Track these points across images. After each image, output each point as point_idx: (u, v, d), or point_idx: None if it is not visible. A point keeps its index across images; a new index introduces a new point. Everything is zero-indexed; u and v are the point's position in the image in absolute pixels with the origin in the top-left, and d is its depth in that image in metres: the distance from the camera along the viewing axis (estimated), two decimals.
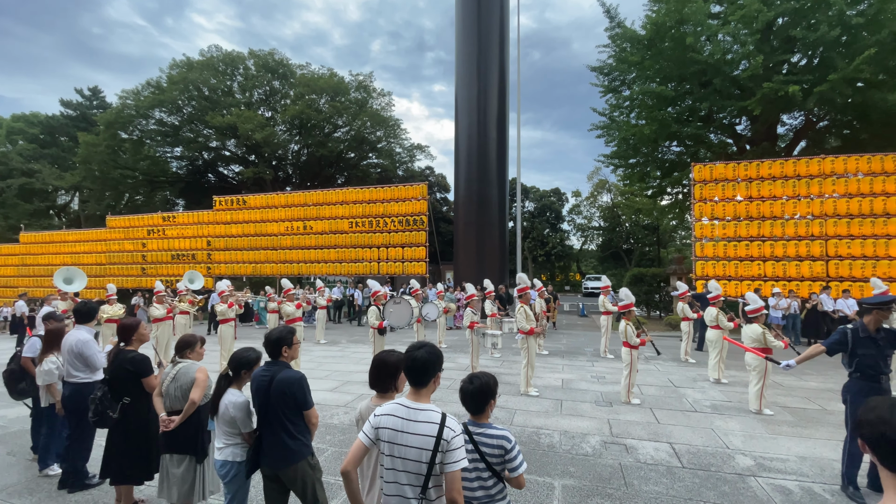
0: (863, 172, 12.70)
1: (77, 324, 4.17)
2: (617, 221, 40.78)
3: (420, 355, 1.99)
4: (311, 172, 31.37)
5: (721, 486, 3.87)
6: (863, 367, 3.86)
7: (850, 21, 12.71)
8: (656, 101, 16.57)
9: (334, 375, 8.23)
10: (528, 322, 6.93)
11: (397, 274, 17.10)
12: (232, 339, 9.11)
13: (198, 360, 3.37)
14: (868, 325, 3.91)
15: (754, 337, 5.97)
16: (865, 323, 3.93)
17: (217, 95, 27.56)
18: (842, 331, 4.01)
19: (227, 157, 30.44)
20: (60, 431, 4.27)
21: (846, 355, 3.98)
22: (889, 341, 3.88)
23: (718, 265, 13.67)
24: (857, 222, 12.58)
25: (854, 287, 12.25)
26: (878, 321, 3.90)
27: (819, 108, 15.48)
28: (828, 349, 4.08)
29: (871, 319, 3.91)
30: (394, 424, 1.91)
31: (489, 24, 19.06)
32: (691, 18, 14.48)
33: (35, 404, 4.54)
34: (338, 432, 5.29)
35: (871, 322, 3.90)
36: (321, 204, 18.32)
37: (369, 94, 29.95)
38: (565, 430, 5.27)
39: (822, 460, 4.40)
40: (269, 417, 2.73)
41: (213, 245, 19.50)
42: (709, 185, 13.97)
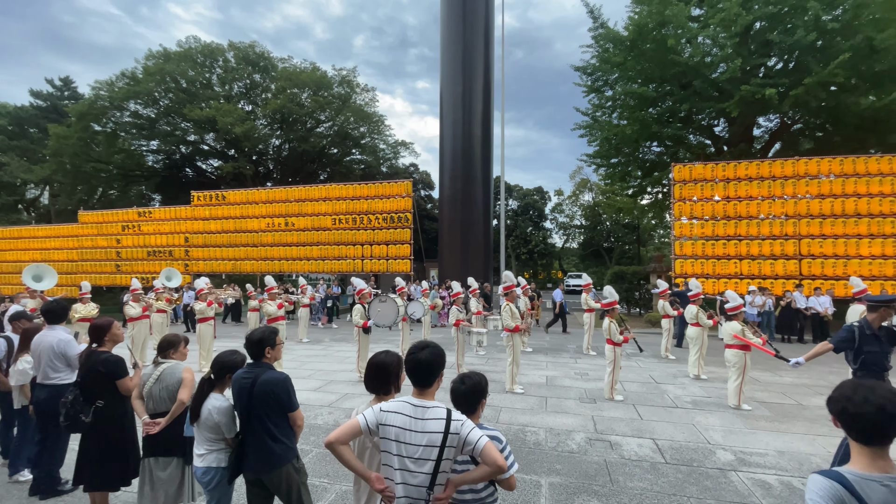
0: (835, 174, 13.13)
1: (48, 324, 4.00)
2: (598, 220, 41.37)
3: (424, 357, 1.98)
4: (292, 168, 30.87)
5: (703, 480, 3.95)
6: (868, 365, 3.88)
7: (825, 26, 13.09)
8: (638, 102, 16.81)
9: (318, 375, 8.11)
10: (514, 320, 6.95)
11: (381, 272, 16.97)
12: (211, 339, 8.89)
13: (182, 360, 3.26)
14: (873, 322, 3.94)
15: (734, 333, 6.11)
16: (870, 321, 3.96)
17: (195, 88, 26.84)
18: (849, 328, 4.02)
19: (205, 152, 29.69)
20: (32, 435, 4.09)
21: (851, 353, 4.00)
22: (889, 339, 3.94)
23: (697, 263, 13.98)
24: (829, 222, 13.01)
25: (826, 285, 12.68)
26: (882, 318, 3.95)
27: (794, 111, 15.92)
28: (835, 347, 4.07)
29: (877, 317, 3.95)
30: (402, 423, 1.88)
31: (474, 22, 19.04)
32: (672, 21, 14.71)
33: (5, 407, 4.34)
34: (322, 433, 5.20)
35: (875, 319, 3.94)
36: (303, 200, 18.03)
37: (353, 89, 29.59)
38: (551, 428, 5.30)
39: (800, 454, 4.53)
40: (252, 421, 2.65)
41: (191, 241, 19.02)
42: (688, 185, 14.26)
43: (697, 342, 7.98)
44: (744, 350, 6.07)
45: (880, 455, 1.45)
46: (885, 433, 1.44)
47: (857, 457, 1.49)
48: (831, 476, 1.46)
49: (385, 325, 8.28)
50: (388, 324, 8.27)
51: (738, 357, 6.05)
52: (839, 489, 1.41)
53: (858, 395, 1.48)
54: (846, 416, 1.50)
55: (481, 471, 1.84)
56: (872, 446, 1.46)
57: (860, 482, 1.41)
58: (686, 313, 8.45)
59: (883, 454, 1.45)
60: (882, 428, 1.43)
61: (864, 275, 12.53)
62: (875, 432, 1.45)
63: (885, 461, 1.45)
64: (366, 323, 7.73)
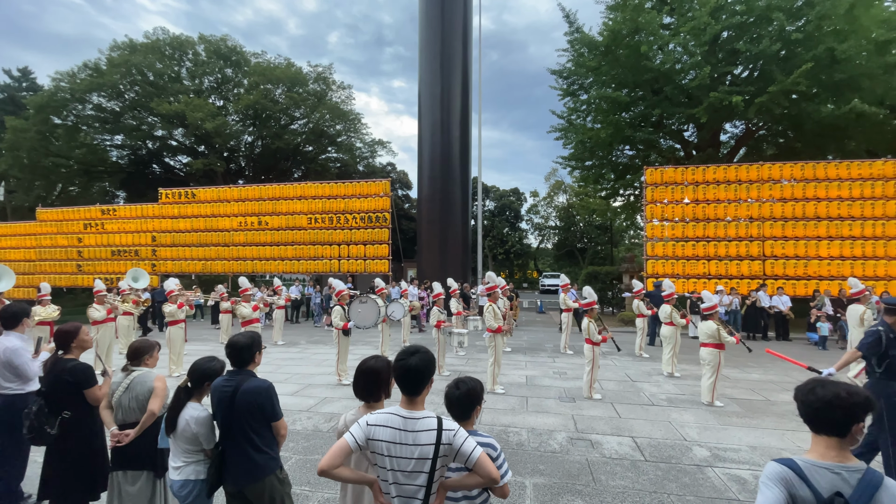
0: (796, 179, 13.79)
1: (4, 329, 3.74)
2: (572, 221, 42.11)
3: (413, 363, 1.89)
4: (265, 165, 30.13)
5: (682, 477, 4.05)
6: (892, 368, 3.86)
7: (789, 36, 13.71)
8: (611, 106, 17.19)
9: (295, 378, 7.93)
10: (496, 320, 6.99)
11: (359, 272, 16.77)
12: (182, 342, 8.58)
13: (154, 366, 3.11)
14: (893, 325, 3.95)
15: (710, 333, 6.31)
16: (890, 324, 3.95)
17: (163, 81, 25.83)
18: (874, 333, 3.99)
19: (173, 148, 28.63)
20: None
21: (876, 357, 3.97)
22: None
23: (668, 264, 14.41)
24: (790, 225, 13.65)
25: (787, 284, 13.29)
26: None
27: (758, 118, 16.60)
28: (865, 352, 4.02)
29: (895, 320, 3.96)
30: (391, 436, 1.81)
31: (453, 22, 19.05)
32: (645, 28, 15.11)
33: None
34: (301, 438, 5.08)
35: (894, 323, 3.96)
36: (278, 199, 17.64)
37: (328, 86, 29.13)
38: (532, 428, 5.35)
39: (771, 449, 4.71)
40: (234, 431, 2.54)
41: (159, 240, 18.32)
42: (659, 188, 14.68)
43: (671, 341, 8.21)
44: (718, 349, 6.27)
45: (835, 446, 1.56)
46: (834, 425, 1.55)
47: (813, 447, 1.62)
48: (784, 462, 1.58)
49: (365, 327, 8.16)
50: (369, 325, 8.16)
51: (712, 355, 6.26)
52: (789, 473, 1.54)
53: (808, 387, 1.63)
54: (802, 409, 1.64)
55: (474, 479, 1.81)
56: (826, 437, 1.58)
57: (810, 468, 1.54)
58: (660, 313, 8.68)
59: (838, 445, 1.56)
60: (830, 420, 1.55)
61: (823, 275, 13.22)
62: (825, 423, 1.57)
63: (839, 452, 1.55)
64: (346, 325, 7.60)
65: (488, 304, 7.16)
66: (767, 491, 1.53)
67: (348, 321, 7.71)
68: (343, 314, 7.69)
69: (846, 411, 1.53)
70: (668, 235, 14.57)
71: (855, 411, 1.53)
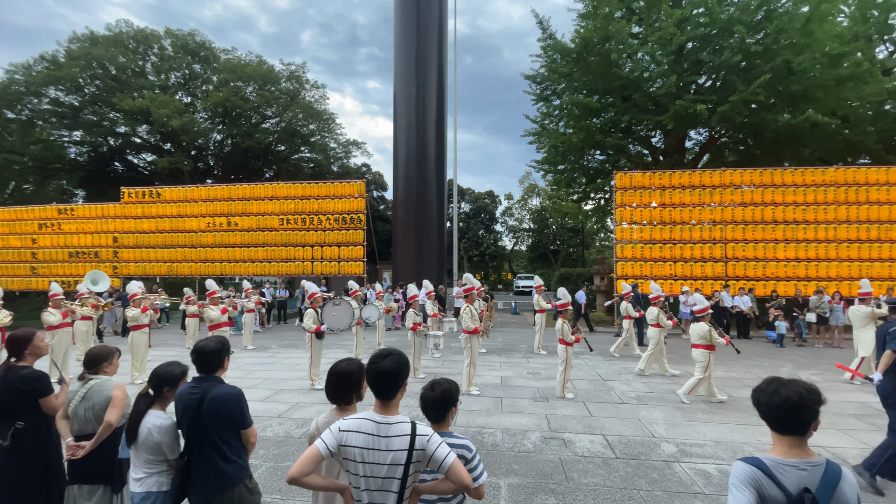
0: (755, 184, 14.45)
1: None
2: (545, 224, 42.83)
3: (385, 366, 1.86)
4: (235, 164, 29.36)
5: (651, 473, 4.18)
6: None
7: (749, 49, 14.38)
8: (583, 112, 17.60)
9: (265, 384, 7.74)
10: (473, 322, 7.02)
11: (332, 274, 16.53)
12: (146, 348, 8.24)
13: (113, 374, 2.97)
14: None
15: (701, 334, 6.49)
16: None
17: (126, 76, 24.82)
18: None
19: (137, 145, 27.52)
20: None
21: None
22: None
23: (636, 265, 14.83)
24: (750, 228, 14.29)
25: (748, 285, 13.88)
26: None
27: (721, 126, 17.34)
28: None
29: None
30: (363, 442, 1.78)
31: (428, 25, 19.08)
32: (615, 36, 15.54)
33: None
34: (272, 445, 4.96)
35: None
36: (248, 199, 17.21)
37: (302, 85, 28.66)
38: (507, 428, 5.39)
39: (734, 443, 4.91)
40: (201, 440, 2.45)
41: (121, 242, 17.55)
42: (628, 192, 15.10)
43: (654, 341, 8.35)
44: (709, 349, 6.46)
45: (797, 444, 1.60)
46: (795, 423, 1.58)
47: (777, 445, 1.65)
48: (751, 462, 1.60)
49: (339, 330, 8.04)
50: (343, 328, 8.04)
51: (703, 356, 6.45)
52: (757, 473, 1.56)
53: (771, 388, 1.64)
54: (762, 408, 1.67)
55: (447, 486, 1.81)
56: (788, 435, 1.61)
57: (777, 467, 1.57)
58: (648, 315, 8.83)
59: (800, 443, 1.60)
60: (797, 420, 1.58)
61: (780, 276, 13.89)
62: (786, 422, 1.60)
63: (802, 449, 1.60)
64: (319, 328, 7.48)
65: (465, 306, 7.19)
66: (739, 493, 1.55)
67: (321, 324, 7.58)
68: (316, 317, 7.56)
69: (810, 410, 1.57)
70: (637, 238, 15.00)
71: (817, 410, 1.58)
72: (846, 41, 15.04)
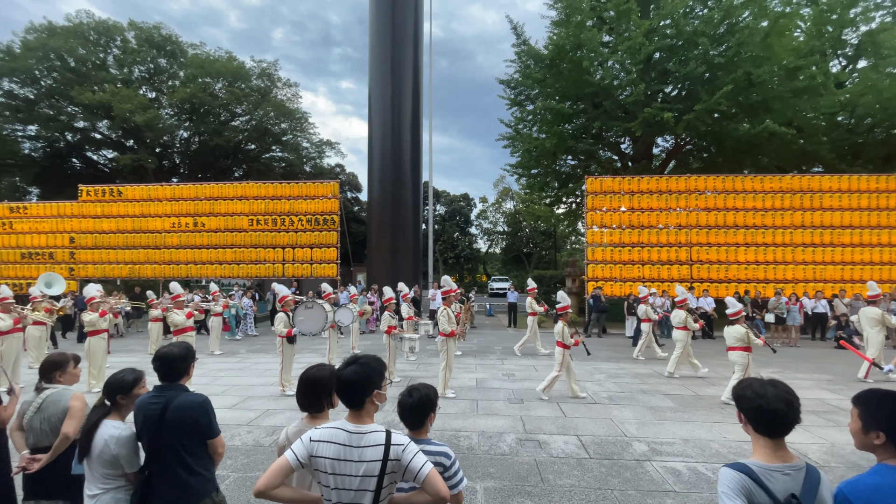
0: (718, 190, 15.05)
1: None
2: (519, 227, 43.38)
3: (347, 374, 1.77)
4: (202, 163, 28.39)
5: (623, 472, 4.25)
6: None
7: (712, 60, 14.98)
8: (555, 117, 17.92)
9: (233, 390, 7.48)
10: (450, 324, 7.00)
11: (305, 276, 16.19)
12: (104, 354, 7.83)
13: (71, 383, 2.79)
14: None
15: (738, 336, 6.61)
16: None
17: (87, 68, 23.63)
18: None
19: (97, 141, 26.22)
20: None
21: None
22: None
23: (607, 268, 15.19)
24: (713, 232, 14.86)
25: (711, 287, 14.43)
26: None
27: (686, 134, 17.99)
28: None
29: None
30: (335, 453, 1.71)
31: (404, 25, 19.00)
32: (586, 44, 15.90)
33: None
34: (240, 455, 4.78)
35: None
36: (216, 198, 16.67)
37: (273, 82, 28.04)
38: (483, 431, 5.39)
39: (702, 441, 5.07)
40: (163, 452, 2.30)
41: (78, 242, 16.67)
42: (599, 197, 15.45)
43: (682, 344, 8.46)
44: (746, 351, 6.59)
45: (780, 446, 1.60)
46: (789, 426, 1.58)
47: (761, 450, 1.62)
48: (739, 469, 1.56)
49: (311, 334, 7.86)
50: (315, 332, 7.85)
51: (742, 357, 6.57)
52: (747, 481, 1.53)
53: (769, 392, 1.60)
54: (760, 413, 1.60)
55: (423, 497, 1.74)
56: (774, 438, 1.60)
57: (764, 472, 1.55)
58: (673, 318, 8.88)
59: (782, 445, 1.61)
60: (788, 421, 1.57)
61: (742, 278, 14.50)
62: (781, 425, 1.58)
63: (784, 451, 1.60)
64: (290, 332, 7.28)
65: (443, 308, 7.16)
66: (731, 503, 1.52)
67: (292, 328, 7.39)
68: (287, 321, 7.37)
69: (797, 413, 1.57)
70: (608, 241, 15.36)
71: (799, 411, 1.58)
72: (802, 55, 15.90)
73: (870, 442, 1.51)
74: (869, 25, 18.00)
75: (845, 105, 17.03)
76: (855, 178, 14.68)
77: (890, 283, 13.62)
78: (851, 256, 14.28)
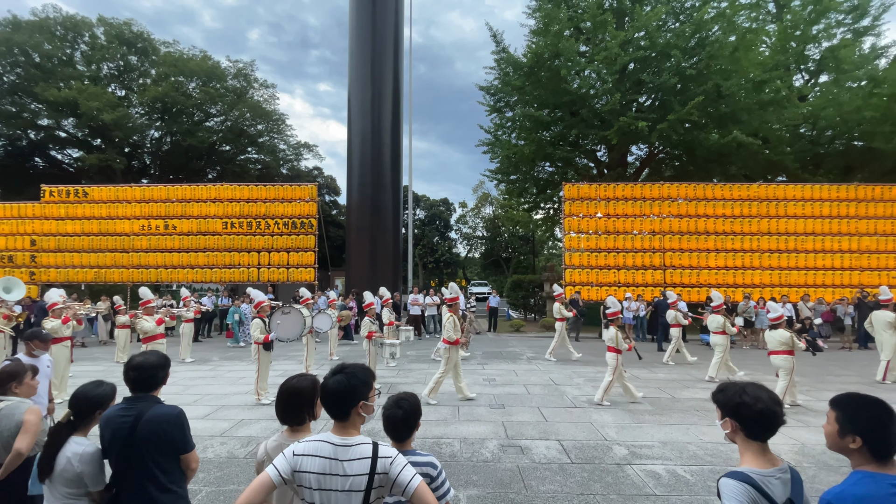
0: (689, 197, 15.51)
1: None
2: (498, 232, 43.65)
3: (333, 384, 1.70)
4: (174, 164, 27.55)
5: (605, 477, 4.28)
6: None
7: (684, 72, 15.50)
8: (534, 124, 18.19)
9: (206, 400, 7.22)
10: (455, 332, 6.98)
11: (281, 281, 15.85)
12: (67, 363, 7.45)
13: (28, 395, 2.62)
14: None
15: (782, 340, 6.70)
16: None
17: (52, 64, 22.65)
18: None
19: (61, 139, 25.12)
20: None
21: None
22: None
23: (584, 273, 15.42)
24: (686, 238, 15.30)
25: (684, 292, 14.80)
26: None
27: (659, 143, 18.52)
28: None
29: None
30: (320, 467, 1.63)
31: (384, 29, 18.97)
32: (564, 53, 16.22)
33: None
34: (214, 467, 4.60)
35: None
36: (188, 200, 16.18)
37: (250, 83, 27.50)
38: (465, 438, 5.35)
39: (679, 443, 5.16)
40: (133, 469, 2.18)
41: (40, 245, 15.89)
42: (576, 203, 15.70)
43: (721, 348, 8.50)
44: (790, 355, 6.68)
45: (768, 450, 1.61)
46: (775, 427, 1.59)
47: (752, 455, 1.61)
48: (740, 478, 1.54)
49: (289, 340, 7.66)
50: (293, 338, 7.65)
51: (787, 361, 6.66)
52: (752, 491, 1.50)
53: (763, 395, 1.60)
54: (744, 409, 1.59)
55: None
56: (761, 441, 1.60)
57: (764, 480, 1.53)
58: (710, 323, 8.84)
59: (769, 449, 1.61)
60: (776, 421, 1.58)
61: (712, 283, 14.93)
62: (770, 426, 1.58)
63: (771, 455, 1.61)
64: (267, 338, 7.09)
65: (449, 315, 7.09)
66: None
67: (269, 333, 7.20)
68: (263, 327, 7.17)
69: (783, 414, 1.58)
70: (584, 246, 15.61)
71: None
72: (768, 69, 16.62)
73: (845, 445, 1.52)
74: (830, 42, 19.00)
75: (808, 117, 17.86)
76: (817, 188, 15.40)
77: (850, 288, 14.28)
78: (815, 262, 14.92)
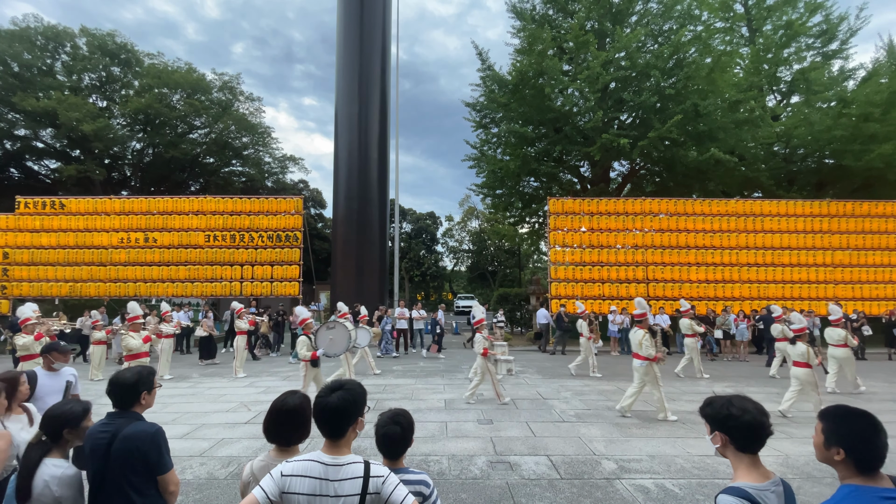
0: (670, 212, 15.88)
1: None
2: (484, 245, 43.89)
3: (331, 402, 1.66)
4: (156, 176, 27.12)
5: (595, 492, 4.26)
6: None
7: (664, 91, 16.00)
8: (519, 140, 18.50)
9: (185, 418, 6.99)
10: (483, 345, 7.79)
11: (264, 295, 15.58)
12: None
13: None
14: None
15: (801, 352, 6.81)
16: None
17: (31, 74, 22.25)
18: None
19: (39, 150, 24.52)
20: None
21: None
22: None
23: (569, 286, 15.56)
24: (667, 252, 15.60)
25: (667, 305, 15.04)
26: None
27: (640, 159, 18.98)
28: None
29: None
30: (310, 488, 1.58)
31: (372, 45, 19.15)
32: (548, 72, 16.61)
33: None
34: (193, 490, 4.44)
35: None
36: (170, 213, 15.89)
37: (235, 96, 27.39)
38: (453, 454, 5.28)
39: (667, 457, 5.18)
40: (107, 489, 2.09)
41: (13, 258, 15.37)
42: (561, 217, 15.93)
43: (846, 361, 8.47)
44: (808, 368, 6.76)
45: (759, 462, 1.61)
46: (764, 437, 1.60)
47: (746, 469, 1.61)
48: (738, 494, 1.52)
49: (336, 355, 7.88)
50: (340, 353, 7.87)
51: (807, 374, 6.74)
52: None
53: (750, 406, 1.61)
54: (732, 420, 1.60)
55: None
56: (752, 454, 1.61)
57: (759, 493, 1.53)
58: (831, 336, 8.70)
59: (759, 461, 1.62)
60: (764, 431, 1.59)
61: (693, 296, 15.21)
62: (758, 437, 1.59)
63: (763, 468, 1.61)
64: (314, 354, 7.23)
65: (479, 336, 7.91)
66: None
67: (316, 350, 7.33)
68: (310, 344, 7.34)
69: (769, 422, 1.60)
70: (569, 260, 15.79)
71: None
72: (742, 89, 17.28)
73: (830, 457, 1.53)
74: (801, 64, 19.91)
75: (781, 136, 18.55)
76: (791, 203, 15.93)
77: (825, 301, 14.70)
78: (791, 276, 15.35)
